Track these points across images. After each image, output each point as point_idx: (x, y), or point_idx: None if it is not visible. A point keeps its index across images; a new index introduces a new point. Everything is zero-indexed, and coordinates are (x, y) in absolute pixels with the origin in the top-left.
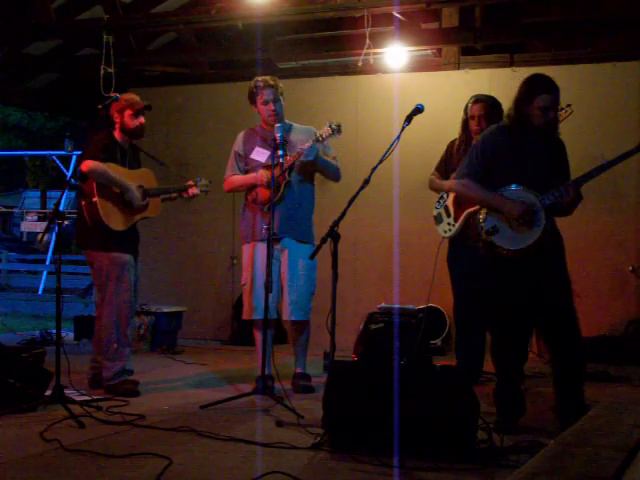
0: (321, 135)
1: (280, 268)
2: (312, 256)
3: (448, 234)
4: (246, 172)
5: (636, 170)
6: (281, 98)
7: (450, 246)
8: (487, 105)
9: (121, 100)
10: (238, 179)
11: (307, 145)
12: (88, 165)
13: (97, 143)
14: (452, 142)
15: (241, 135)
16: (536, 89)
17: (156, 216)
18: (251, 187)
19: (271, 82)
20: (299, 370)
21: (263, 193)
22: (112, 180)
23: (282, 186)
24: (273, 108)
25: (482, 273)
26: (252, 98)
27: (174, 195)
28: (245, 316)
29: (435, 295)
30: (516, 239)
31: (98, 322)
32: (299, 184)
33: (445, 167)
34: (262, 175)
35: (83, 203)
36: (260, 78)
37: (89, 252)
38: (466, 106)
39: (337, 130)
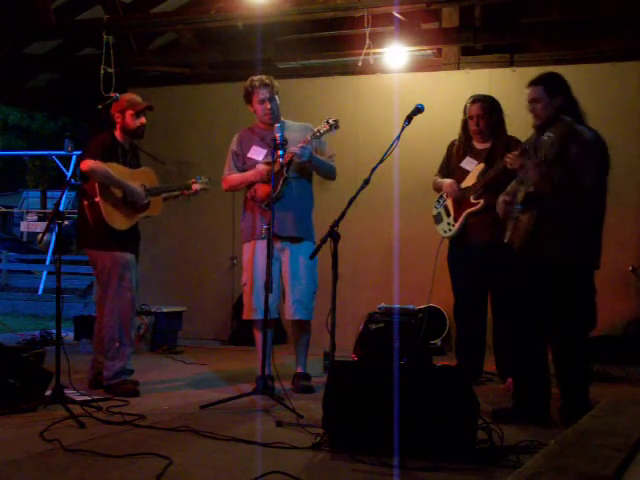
0: (318, 131)
1: (281, 268)
2: (312, 256)
3: (448, 234)
4: (244, 171)
5: (636, 170)
6: (277, 97)
7: (450, 246)
8: (485, 105)
9: (122, 100)
10: (237, 177)
11: (299, 146)
12: (88, 165)
13: (98, 143)
14: (452, 142)
15: (238, 135)
16: None
17: (157, 215)
18: (250, 185)
19: (266, 81)
20: (299, 370)
21: (262, 190)
22: (113, 180)
23: (280, 183)
24: (269, 107)
25: None
26: (248, 97)
27: (176, 193)
28: (245, 316)
29: (435, 295)
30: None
31: (99, 321)
32: (297, 181)
33: (447, 168)
34: (263, 169)
35: (85, 203)
36: (255, 77)
37: (91, 252)
38: (465, 106)
39: (334, 126)
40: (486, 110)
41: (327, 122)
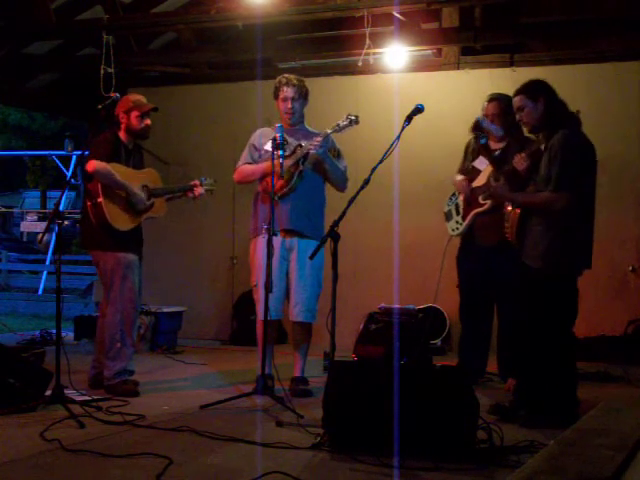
0: (338, 124)
1: (288, 268)
2: (312, 256)
3: (455, 232)
4: None
5: (636, 170)
6: (302, 99)
7: (460, 245)
8: (501, 104)
9: (128, 101)
10: (250, 168)
11: (318, 140)
12: (93, 166)
13: (102, 143)
14: (469, 141)
15: (260, 130)
16: None
17: (161, 216)
18: (262, 177)
19: (294, 81)
20: (298, 374)
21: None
22: (116, 182)
23: (295, 175)
24: (290, 106)
25: None
26: (275, 93)
27: (179, 194)
28: (260, 317)
29: (438, 295)
30: None
31: (102, 321)
32: (312, 176)
33: (463, 166)
34: (276, 161)
35: (88, 204)
36: (286, 75)
37: (95, 252)
38: (483, 104)
39: (355, 121)
40: (502, 109)
41: (348, 117)
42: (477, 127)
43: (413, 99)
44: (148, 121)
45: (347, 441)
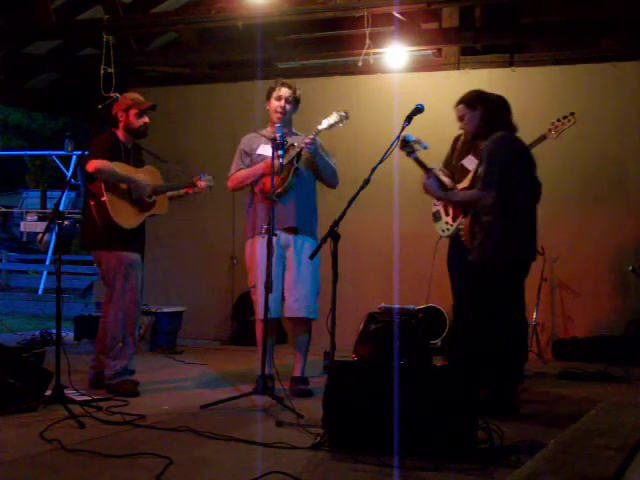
0: (327, 122)
1: (285, 265)
2: (312, 256)
3: (446, 233)
4: None
5: (636, 170)
6: (295, 103)
7: (450, 245)
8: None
9: (126, 99)
10: (244, 172)
11: (310, 137)
12: (94, 165)
13: (101, 143)
14: (457, 137)
15: (247, 136)
16: None
17: (163, 213)
18: (257, 179)
19: (290, 84)
20: (298, 374)
21: (270, 182)
22: (119, 177)
23: (290, 173)
24: (283, 105)
25: None
26: (269, 94)
27: (182, 192)
28: (259, 316)
29: (435, 295)
30: None
31: (103, 320)
32: (306, 175)
33: (450, 162)
34: (270, 162)
35: (92, 203)
36: (282, 79)
37: (97, 252)
38: None
39: (344, 117)
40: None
41: (337, 113)
42: (404, 143)
43: (413, 99)
44: (146, 119)
45: (347, 441)
